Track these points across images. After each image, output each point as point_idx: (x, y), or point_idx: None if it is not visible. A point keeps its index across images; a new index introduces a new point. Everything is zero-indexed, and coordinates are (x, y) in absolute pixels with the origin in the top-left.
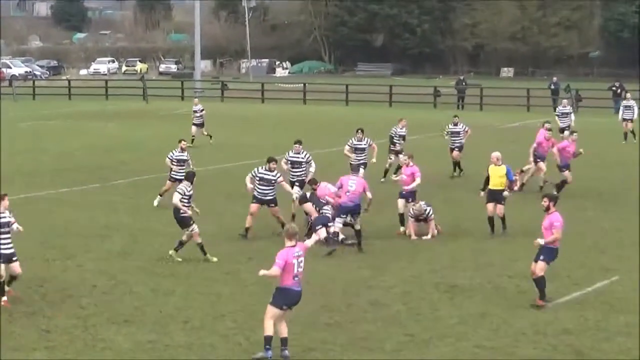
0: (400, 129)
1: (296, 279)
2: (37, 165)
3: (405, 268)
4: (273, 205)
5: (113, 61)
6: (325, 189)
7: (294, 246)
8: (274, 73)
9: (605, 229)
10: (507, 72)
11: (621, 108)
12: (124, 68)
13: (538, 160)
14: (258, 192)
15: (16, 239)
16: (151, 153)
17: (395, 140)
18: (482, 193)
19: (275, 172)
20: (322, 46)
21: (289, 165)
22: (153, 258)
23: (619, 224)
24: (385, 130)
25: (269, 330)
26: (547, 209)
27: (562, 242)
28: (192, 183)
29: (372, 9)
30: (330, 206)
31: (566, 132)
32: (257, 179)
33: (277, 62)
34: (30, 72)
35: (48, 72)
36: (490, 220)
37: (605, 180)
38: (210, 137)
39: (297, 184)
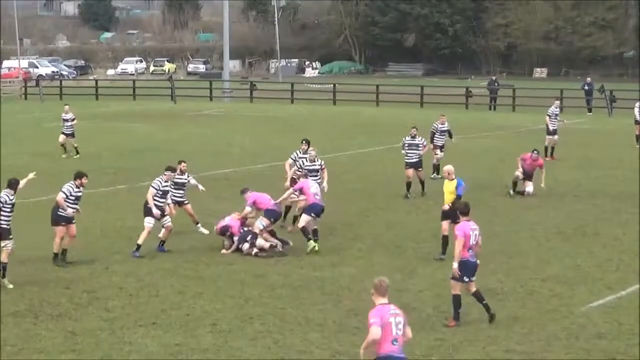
0: (442, 124)
1: (396, 343)
2: (62, 166)
3: (436, 271)
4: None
5: (141, 61)
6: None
7: (387, 304)
8: (304, 73)
9: None
10: (540, 72)
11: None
12: (151, 68)
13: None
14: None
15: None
16: (179, 154)
17: (437, 136)
18: (512, 192)
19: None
20: (353, 46)
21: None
22: (180, 260)
23: None
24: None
25: None
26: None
27: (597, 245)
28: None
29: (403, 8)
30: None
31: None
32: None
33: (307, 62)
34: (57, 72)
35: (75, 72)
36: (445, 239)
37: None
38: (77, 152)
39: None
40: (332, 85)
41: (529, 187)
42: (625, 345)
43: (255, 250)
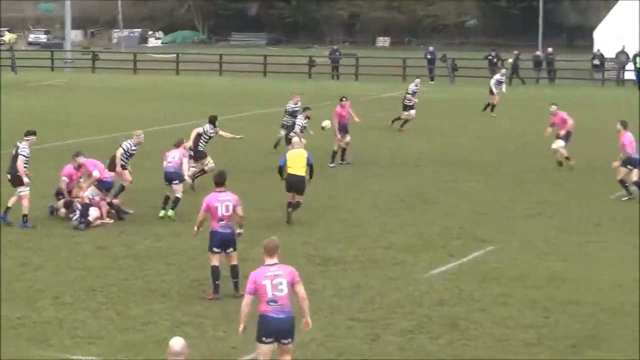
0: (294, 104)
1: (272, 304)
2: None
3: (280, 239)
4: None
5: None
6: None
7: (270, 265)
8: (147, 43)
9: (482, 200)
10: (383, 41)
11: (495, 81)
12: None
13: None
14: None
15: None
16: (24, 125)
17: (286, 117)
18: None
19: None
20: (196, 16)
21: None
22: (22, 232)
23: (496, 195)
24: (261, 100)
25: None
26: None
27: (439, 213)
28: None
29: None
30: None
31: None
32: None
33: (150, 32)
34: None
35: None
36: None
37: (483, 151)
38: None
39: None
40: (175, 55)
41: (347, 138)
42: (465, 311)
43: (89, 219)
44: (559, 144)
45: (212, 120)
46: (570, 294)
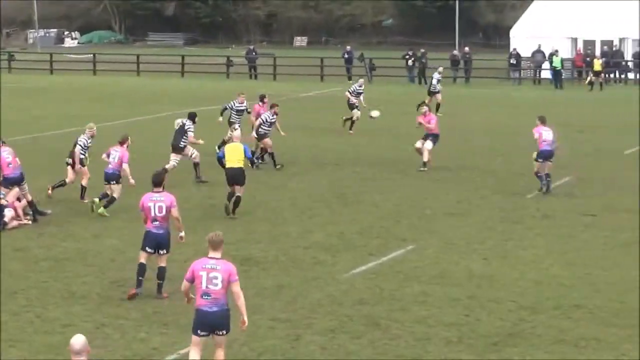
0: (240, 103)
1: (206, 297)
2: None
3: (199, 240)
4: None
5: None
6: None
7: (210, 258)
8: (63, 43)
9: (401, 198)
10: (300, 41)
11: (436, 80)
12: None
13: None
14: None
15: None
16: None
17: (234, 115)
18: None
19: None
20: (112, 15)
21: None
22: None
23: (414, 194)
24: (178, 101)
25: None
26: None
27: (359, 212)
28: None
29: None
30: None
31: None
32: None
33: (66, 32)
34: None
35: None
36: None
37: (398, 149)
38: None
39: None
40: (91, 55)
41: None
42: (386, 310)
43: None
44: (427, 145)
45: (192, 117)
46: (490, 292)
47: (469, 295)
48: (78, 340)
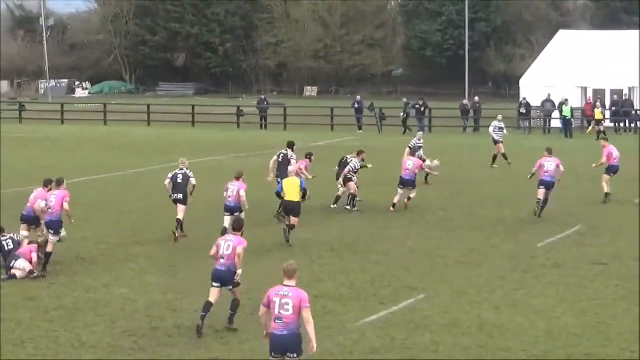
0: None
1: (278, 321)
2: None
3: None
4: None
5: None
6: None
7: (284, 285)
8: (74, 94)
9: (412, 247)
10: (310, 91)
11: (496, 128)
12: None
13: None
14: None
15: None
16: None
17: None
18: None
19: None
20: (123, 66)
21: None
22: None
23: (425, 243)
24: (189, 151)
25: None
26: None
27: (369, 261)
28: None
29: (173, 27)
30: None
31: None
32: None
33: (77, 83)
34: None
35: None
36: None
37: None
38: None
39: None
40: (102, 105)
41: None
42: (398, 359)
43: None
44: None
45: (291, 146)
46: (501, 341)
47: (480, 344)
48: None
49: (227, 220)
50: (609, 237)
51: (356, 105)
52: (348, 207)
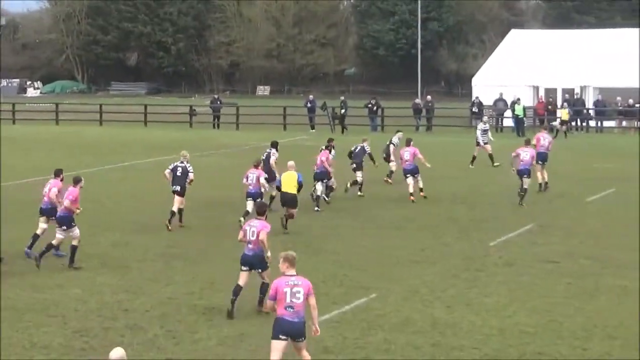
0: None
1: (289, 309)
2: None
3: (162, 290)
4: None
5: None
6: None
7: (289, 275)
8: (25, 93)
9: (365, 246)
10: (263, 90)
11: (481, 131)
12: None
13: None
14: None
15: None
16: None
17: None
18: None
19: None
20: (75, 65)
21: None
22: None
23: (378, 242)
24: (142, 151)
25: None
26: None
27: (322, 260)
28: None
29: (125, 27)
30: None
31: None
32: None
33: (28, 82)
34: None
35: None
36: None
37: (360, 199)
38: None
39: None
40: (54, 104)
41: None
42: (350, 359)
43: None
44: (318, 187)
45: (274, 145)
46: (453, 339)
47: (433, 343)
48: (116, 352)
49: (250, 205)
50: (560, 235)
51: (309, 105)
52: (327, 199)
